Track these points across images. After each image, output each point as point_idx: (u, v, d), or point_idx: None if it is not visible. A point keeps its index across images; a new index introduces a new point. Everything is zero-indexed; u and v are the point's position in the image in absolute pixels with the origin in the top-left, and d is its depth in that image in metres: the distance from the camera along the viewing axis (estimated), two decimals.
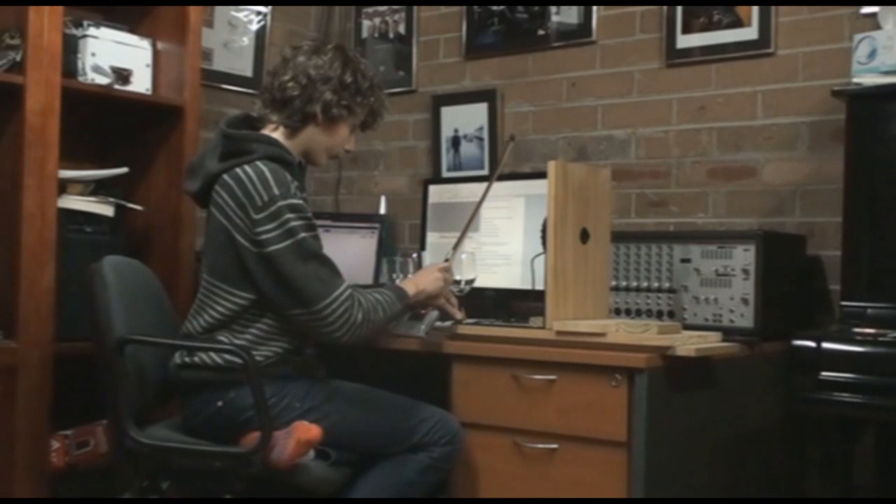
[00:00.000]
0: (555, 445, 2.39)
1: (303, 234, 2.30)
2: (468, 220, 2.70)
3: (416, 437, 2.38)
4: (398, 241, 3.69)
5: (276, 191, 2.30)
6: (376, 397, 2.46)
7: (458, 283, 2.68)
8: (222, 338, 2.36)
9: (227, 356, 2.34)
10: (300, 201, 2.34)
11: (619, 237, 2.76)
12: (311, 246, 2.32)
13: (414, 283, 2.50)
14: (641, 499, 2.27)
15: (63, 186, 2.79)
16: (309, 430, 2.24)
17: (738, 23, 3.04)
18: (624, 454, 2.29)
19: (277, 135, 2.47)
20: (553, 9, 3.40)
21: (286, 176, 2.35)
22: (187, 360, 2.40)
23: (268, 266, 2.30)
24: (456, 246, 2.66)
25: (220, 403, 2.35)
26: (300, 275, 2.28)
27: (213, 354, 2.37)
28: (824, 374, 2.31)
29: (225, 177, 2.36)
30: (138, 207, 3.00)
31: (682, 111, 3.16)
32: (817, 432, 2.64)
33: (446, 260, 2.62)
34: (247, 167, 2.34)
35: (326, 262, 2.34)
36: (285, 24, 3.86)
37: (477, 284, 2.75)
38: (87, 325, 2.43)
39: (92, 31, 2.89)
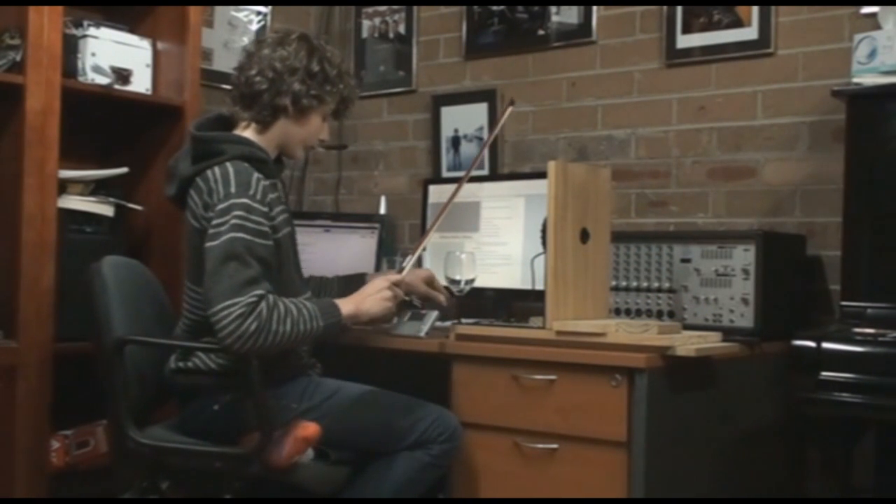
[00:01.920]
0: (555, 445, 2.39)
1: (239, 234, 2.22)
2: (441, 211, 2.65)
3: (414, 435, 2.38)
4: (398, 241, 3.69)
5: (233, 189, 2.26)
6: (374, 396, 2.45)
7: (457, 283, 2.69)
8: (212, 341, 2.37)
9: (222, 360, 2.35)
10: (257, 203, 2.27)
11: (619, 237, 2.76)
12: (242, 246, 2.21)
13: (355, 304, 2.38)
14: (641, 499, 2.27)
15: (63, 186, 2.79)
16: (307, 428, 2.25)
17: (738, 23, 3.04)
18: (624, 454, 2.29)
19: (249, 132, 2.45)
20: (553, 9, 3.40)
21: (252, 176, 2.31)
22: (181, 364, 2.39)
23: (206, 262, 2.24)
24: (415, 250, 2.60)
25: (216, 407, 2.35)
26: (214, 272, 2.20)
27: (206, 359, 2.37)
28: (824, 374, 2.31)
29: (197, 179, 2.35)
30: (138, 207, 3.00)
31: (682, 111, 3.16)
32: (817, 432, 2.64)
33: (400, 270, 2.54)
34: (216, 168, 2.32)
35: (249, 267, 2.20)
36: (285, 24, 3.85)
37: (477, 284, 2.75)
38: (87, 325, 2.43)
39: (92, 31, 2.89)
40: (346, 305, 2.37)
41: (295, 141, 2.50)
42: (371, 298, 2.41)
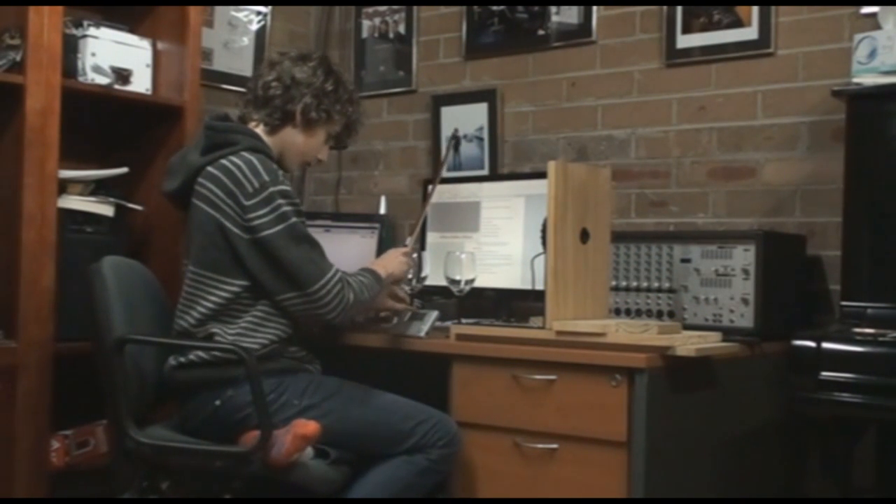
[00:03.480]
0: (555, 445, 2.39)
1: (294, 219, 2.37)
2: (424, 206, 2.93)
3: (413, 439, 2.39)
4: (398, 241, 3.69)
5: (265, 177, 2.37)
6: (375, 398, 2.46)
7: (457, 283, 2.69)
8: (216, 331, 2.38)
9: (220, 353, 2.36)
10: (288, 188, 2.41)
11: (619, 237, 2.76)
12: (302, 230, 2.40)
13: (383, 266, 2.60)
14: (641, 499, 2.27)
15: (63, 186, 2.80)
16: (306, 426, 2.25)
17: (738, 23, 3.04)
18: (624, 454, 2.29)
19: (258, 132, 2.54)
20: (553, 9, 3.40)
21: (273, 164, 2.43)
22: (182, 360, 2.40)
23: (261, 251, 2.35)
24: (412, 232, 2.80)
25: (217, 402, 2.36)
26: (294, 258, 2.35)
27: (204, 352, 2.37)
28: (824, 374, 2.31)
29: (210, 168, 2.41)
30: (138, 207, 3.00)
31: (682, 111, 3.16)
32: (817, 432, 2.64)
33: (405, 245, 2.75)
34: (233, 157, 2.40)
35: (316, 246, 2.41)
36: (285, 24, 3.87)
37: (477, 284, 2.75)
38: (87, 325, 2.43)
39: (92, 31, 2.89)
40: (379, 269, 2.58)
41: (295, 151, 2.59)
42: (394, 262, 2.64)
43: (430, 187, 2.97)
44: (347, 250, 3.34)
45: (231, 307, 2.39)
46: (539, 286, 2.55)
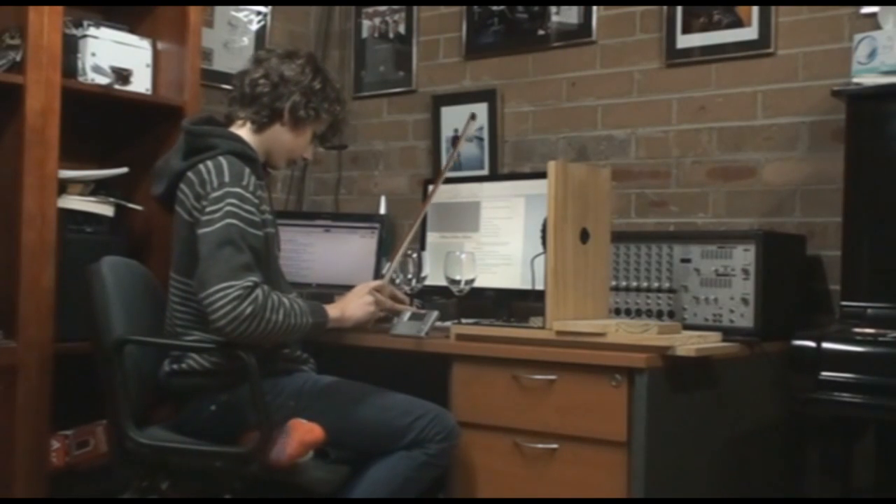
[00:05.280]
0: (555, 445, 2.39)
1: (233, 221, 2.27)
2: (416, 224, 2.85)
3: (411, 434, 2.38)
4: (398, 241, 3.69)
5: (226, 178, 2.32)
6: (371, 395, 2.45)
7: (457, 283, 2.69)
8: (206, 344, 2.36)
9: (216, 359, 2.35)
10: (249, 194, 2.33)
11: (619, 237, 2.76)
12: (237, 233, 2.26)
13: (340, 308, 2.49)
14: (641, 499, 2.27)
15: (63, 186, 2.80)
16: (312, 431, 2.25)
17: (738, 23, 3.04)
18: (624, 454, 2.29)
19: (244, 132, 2.52)
20: (553, 9, 3.40)
21: (244, 169, 2.37)
22: (175, 367, 2.40)
23: (198, 248, 2.28)
24: (393, 257, 2.72)
25: (213, 408, 2.36)
26: (209, 256, 2.24)
27: (200, 359, 2.37)
28: (824, 374, 2.31)
29: (188, 173, 2.39)
30: (138, 207, 3.00)
31: (682, 111, 3.16)
32: (817, 432, 2.64)
33: (381, 276, 2.65)
34: (208, 162, 2.37)
35: (244, 254, 2.25)
36: (285, 24, 3.87)
37: (477, 284, 2.75)
38: (86, 325, 2.43)
39: (92, 31, 2.89)
40: (332, 309, 2.47)
41: (283, 150, 2.57)
42: (354, 304, 2.53)
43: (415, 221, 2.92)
44: (347, 250, 3.35)
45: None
46: (539, 286, 2.55)
